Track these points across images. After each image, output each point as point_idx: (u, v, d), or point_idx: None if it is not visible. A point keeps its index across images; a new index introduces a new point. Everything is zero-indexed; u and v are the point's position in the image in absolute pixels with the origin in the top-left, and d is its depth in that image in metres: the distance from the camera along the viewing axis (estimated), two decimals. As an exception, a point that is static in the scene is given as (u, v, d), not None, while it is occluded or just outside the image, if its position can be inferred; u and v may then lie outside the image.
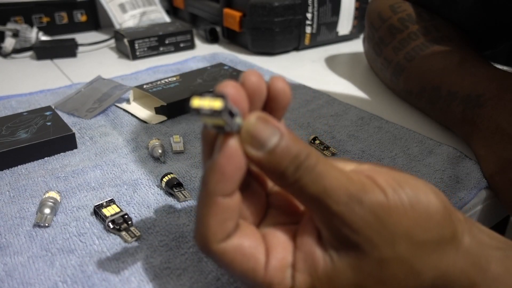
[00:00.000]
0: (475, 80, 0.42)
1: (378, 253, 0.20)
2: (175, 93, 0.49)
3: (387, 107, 0.53)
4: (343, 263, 0.21)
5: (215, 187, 0.20)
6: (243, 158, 0.20)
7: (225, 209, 0.20)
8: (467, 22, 0.50)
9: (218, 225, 0.21)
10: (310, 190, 0.20)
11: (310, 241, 0.21)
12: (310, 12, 0.73)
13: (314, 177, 0.20)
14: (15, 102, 0.51)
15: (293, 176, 0.20)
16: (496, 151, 0.37)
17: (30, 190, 0.35)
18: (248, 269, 0.21)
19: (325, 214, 0.20)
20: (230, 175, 0.20)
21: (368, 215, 0.20)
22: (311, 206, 0.21)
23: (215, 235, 0.21)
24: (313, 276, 0.21)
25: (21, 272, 0.27)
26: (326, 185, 0.20)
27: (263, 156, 0.20)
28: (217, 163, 0.20)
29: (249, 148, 0.20)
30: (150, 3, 0.83)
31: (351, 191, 0.20)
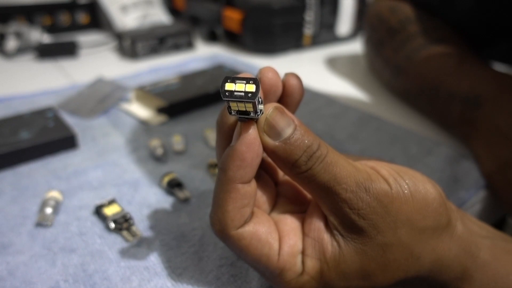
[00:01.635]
0: (474, 81, 0.42)
1: (382, 237, 0.21)
2: (176, 94, 0.49)
3: (386, 107, 0.53)
4: (350, 248, 0.22)
5: (235, 174, 0.21)
6: (261, 146, 0.21)
7: (243, 195, 0.21)
8: (465, 23, 0.50)
9: (237, 211, 0.21)
10: (321, 178, 0.21)
11: (318, 228, 0.22)
12: (309, 13, 0.73)
13: (325, 166, 0.21)
14: (17, 102, 0.51)
15: (305, 165, 0.21)
16: (494, 151, 0.37)
17: (32, 190, 0.35)
18: (262, 254, 0.22)
19: (334, 200, 0.21)
20: (250, 162, 0.21)
21: (374, 202, 0.21)
22: (321, 194, 0.21)
23: (233, 221, 0.21)
24: (321, 261, 0.22)
25: (23, 271, 0.27)
26: (336, 174, 0.21)
27: (278, 145, 0.21)
28: (237, 150, 0.20)
29: (265, 137, 0.21)
30: (151, 5, 0.83)
31: (359, 180, 0.21)
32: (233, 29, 0.75)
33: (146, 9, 0.82)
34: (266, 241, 0.22)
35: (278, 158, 0.21)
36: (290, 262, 0.22)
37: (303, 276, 0.22)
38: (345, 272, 0.22)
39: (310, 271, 0.22)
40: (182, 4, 0.88)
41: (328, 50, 0.78)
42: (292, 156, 0.21)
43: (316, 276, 0.22)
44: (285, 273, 0.22)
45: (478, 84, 0.41)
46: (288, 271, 0.22)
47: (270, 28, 0.70)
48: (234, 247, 0.22)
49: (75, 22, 0.83)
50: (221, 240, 0.22)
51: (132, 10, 0.80)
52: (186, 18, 0.87)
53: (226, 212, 0.21)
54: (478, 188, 0.37)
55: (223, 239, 0.22)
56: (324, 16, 0.75)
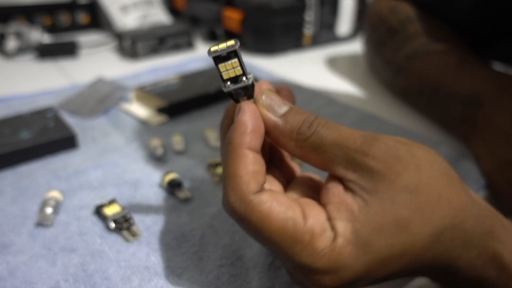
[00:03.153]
0: (474, 81, 0.42)
1: (404, 179, 0.21)
2: (176, 94, 0.49)
3: (387, 107, 0.53)
4: (376, 199, 0.21)
5: (241, 139, 0.21)
6: (261, 119, 0.22)
7: (254, 161, 0.21)
8: (465, 23, 0.51)
9: (250, 176, 0.21)
10: (328, 138, 0.21)
11: (338, 193, 0.21)
12: (309, 13, 0.73)
13: (328, 126, 0.22)
14: (17, 102, 0.51)
15: (309, 130, 0.22)
16: (495, 151, 0.37)
17: (32, 190, 0.35)
18: (287, 218, 0.20)
19: (347, 154, 0.21)
20: (254, 129, 0.21)
21: (385, 146, 0.21)
22: (331, 154, 0.21)
23: (249, 185, 0.21)
24: (352, 220, 0.20)
25: (23, 271, 0.27)
26: (341, 131, 0.22)
27: (279, 119, 0.22)
28: (240, 119, 0.21)
29: (266, 112, 0.22)
30: (151, 5, 0.83)
31: (366, 134, 0.22)
32: (233, 29, 0.75)
33: (146, 9, 0.82)
34: (289, 204, 0.21)
35: (280, 132, 0.22)
36: (319, 226, 0.20)
37: (337, 240, 0.20)
38: (380, 227, 0.20)
39: (343, 233, 0.20)
40: (182, 4, 0.88)
41: (328, 50, 0.78)
42: (295, 125, 0.22)
43: (351, 238, 0.20)
44: (316, 240, 0.20)
45: (478, 84, 0.41)
46: (320, 236, 0.20)
47: (270, 28, 0.70)
48: (253, 218, 0.20)
49: (75, 22, 0.83)
50: (238, 216, 0.21)
51: (132, 10, 0.80)
52: (186, 18, 0.88)
53: (239, 177, 0.21)
54: (478, 188, 0.37)
55: (239, 209, 0.21)
56: (324, 16, 0.75)
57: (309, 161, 0.23)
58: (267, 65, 0.68)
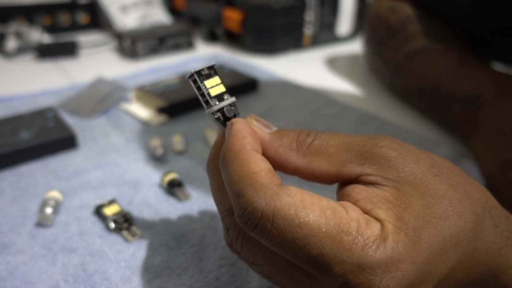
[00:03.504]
0: (474, 81, 0.42)
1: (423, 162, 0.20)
2: (176, 94, 0.49)
3: (387, 107, 0.53)
4: (406, 184, 0.19)
5: (243, 143, 0.20)
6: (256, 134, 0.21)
7: (263, 159, 0.19)
8: (465, 23, 0.50)
9: (267, 170, 0.19)
10: (331, 141, 0.21)
11: (360, 190, 0.20)
12: (309, 13, 0.73)
13: (327, 134, 0.21)
14: (17, 102, 0.51)
15: (309, 137, 0.21)
16: (495, 151, 0.37)
17: (32, 190, 0.35)
18: (325, 207, 0.17)
19: (357, 149, 0.20)
20: (251, 134, 0.21)
21: (391, 139, 0.21)
22: (341, 152, 0.21)
23: (269, 178, 0.18)
24: (391, 208, 0.18)
25: (23, 271, 0.27)
26: (341, 135, 0.21)
27: (273, 132, 0.22)
28: (235, 128, 0.21)
29: (259, 128, 0.22)
30: (151, 5, 0.83)
31: (364, 135, 0.21)
32: (233, 29, 0.75)
33: (146, 9, 0.82)
34: (320, 196, 0.18)
35: (279, 144, 0.21)
36: (361, 216, 0.18)
37: (387, 227, 0.17)
38: (423, 211, 0.18)
39: (389, 218, 0.18)
40: (182, 4, 0.88)
41: (328, 50, 0.78)
42: (292, 136, 0.21)
43: (399, 225, 0.17)
44: (365, 230, 0.17)
45: (478, 84, 0.41)
46: (367, 226, 0.17)
47: (270, 28, 0.70)
48: (285, 212, 0.17)
49: (75, 22, 0.83)
50: (265, 217, 0.17)
51: (132, 10, 0.80)
52: (186, 18, 0.87)
53: (256, 174, 0.18)
54: (478, 188, 0.37)
55: (267, 206, 0.17)
56: (324, 16, 0.75)
57: (316, 169, 0.21)
58: (267, 65, 0.68)
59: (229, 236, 0.21)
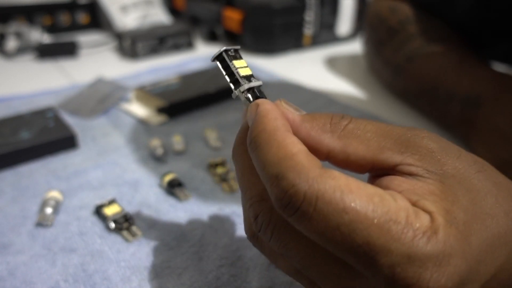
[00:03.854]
0: (473, 81, 0.42)
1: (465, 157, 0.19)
2: (176, 94, 0.49)
3: (386, 107, 0.53)
4: (450, 177, 0.18)
5: (277, 124, 0.18)
6: None
7: (298, 141, 0.18)
8: (465, 23, 0.51)
9: (306, 152, 0.17)
10: (369, 127, 0.19)
11: (401, 183, 0.18)
12: (309, 13, 0.73)
13: (363, 120, 0.20)
14: (17, 102, 0.51)
15: (344, 119, 0.19)
16: (494, 151, 0.37)
17: (32, 190, 0.35)
18: (371, 193, 0.16)
19: (397, 137, 0.19)
20: (282, 116, 0.19)
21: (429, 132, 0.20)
22: (379, 140, 0.19)
23: (310, 160, 0.16)
24: (438, 200, 0.17)
25: (23, 271, 0.27)
26: (378, 123, 0.20)
27: (305, 115, 0.20)
28: (264, 109, 0.19)
29: (290, 110, 0.20)
30: (151, 5, 0.83)
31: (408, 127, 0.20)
32: (233, 29, 0.75)
33: (146, 9, 0.82)
34: (365, 183, 0.17)
35: (311, 126, 0.19)
36: (410, 206, 0.16)
37: (437, 218, 0.16)
38: (470, 206, 0.17)
39: (438, 211, 0.16)
40: (182, 4, 0.88)
41: (328, 50, 0.78)
42: (324, 117, 0.20)
43: (449, 218, 0.16)
44: (414, 219, 0.16)
45: (478, 84, 0.41)
46: (416, 216, 0.16)
47: (270, 28, 0.70)
48: (330, 194, 0.15)
49: (75, 22, 0.83)
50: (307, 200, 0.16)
51: (132, 10, 0.80)
52: (186, 18, 0.88)
53: (295, 155, 0.17)
54: (478, 188, 0.37)
55: (310, 189, 0.16)
56: (324, 16, 0.75)
57: (351, 153, 0.19)
58: (267, 65, 0.68)
59: (258, 224, 0.19)
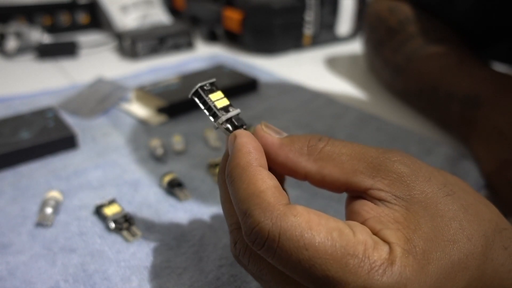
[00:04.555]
0: (473, 81, 0.42)
1: (436, 181, 0.20)
2: (176, 94, 0.49)
3: (386, 107, 0.53)
4: (416, 204, 0.18)
5: (249, 158, 0.20)
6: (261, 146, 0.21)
7: (270, 176, 0.19)
8: (465, 23, 0.51)
9: (274, 189, 0.18)
10: (344, 149, 0.20)
11: (369, 209, 0.19)
12: (310, 13, 0.73)
13: (340, 142, 0.21)
14: (17, 102, 0.51)
15: (320, 142, 0.21)
16: (494, 151, 0.37)
17: (32, 190, 0.35)
18: (331, 228, 0.17)
19: (370, 160, 0.20)
20: (257, 148, 0.20)
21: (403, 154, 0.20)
22: (353, 163, 0.20)
23: (275, 197, 0.18)
24: (400, 229, 0.18)
25: (23, 271, 0.27)
26: (354, 145, 0.21)
27: (284, 137, 0.22)
28: (239, 141, 0.21)
29: (269, 134, 0.22)
30: (151, 5, 0.83)
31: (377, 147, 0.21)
32: (233, 29, 0.75)
33: (146, 9, 0.82)
34: (328, 216, 0.18)
35: (289, 149, 0.21)
36: (369, 238, 0.17)
37: (395, 250, 0.17)
38: (433, 234, 0.18)
39: (398, 241, 0.17)
40: (182, 4, 0.88)
41: (328, 50, 0.78)
42: (303, 141, 0.21)
43: (408, 248, 0.17)
44: (372, 252, 0.17)
45: (478, 84, 0.41)
46: (374, 248, 0.17)
47: (270, 28, 0.70)
48: (291, 232, 0.17)
49: (75, 22, 0.83)
50: (271, 236, 0.17)
51: (132, 10, 0.80)
52: (186, 18, 0.88)
53: (262, 192, 0.18)
54: (478, 188, 0.37)
55: (273, 226, 0.17)
56: (324, 16, 0.75)
57: (326, 175, 0.20)
58: (267, 65, 0.68)
59: (236, 250, 0.21)
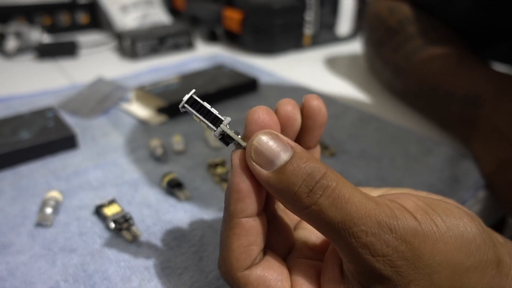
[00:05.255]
0: (473, 81, 0.42)
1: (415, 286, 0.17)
2: (176, 94, 0.49)
3: (386, 107, 0.53)
4: None
5: (235, 207, 0.19)
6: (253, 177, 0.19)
7: (248, 231, 0.20)
8: (464, 23, 0.51)
9: (242, 250, 0.20)
10: (331, 217, 0.17)
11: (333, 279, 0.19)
12: (310, 13, 0.73)
13: (334, 201, 0.17)
14: (17, 102, 0.51)
15: (308, 198, 0.18)
16: (494, 151, 0.37)
17: (32, 190, 0.35)
18: None
19: (351, 245, 0.17)
20: (247, 193, 0.19)
21: (402, 245, 0.17)
22: (334, 236, 0.18)
23: (239, 261, 0.20)
24: None
25: (23, 271, 0.27)
26: (351, 212, 0.17)
27: (271, 175, 0.18)
28: (231, 181, 0.20)
29: (255, 166, 0.19)
30: (151, 5, 0.83)
31: (381, 218, 0.17)
32: (233, 29, 0.75)
33: (146, 9, 0.82)
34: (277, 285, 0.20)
35: (274, 190, 0.19)
36: None
37: None
38: None
39: None
40: (182, 4, 0.88)
41: (328, 50, 0.78)
42: (290, 186, 0.18)
43: None
44: None
45: (477, 84, 0.41)
46: None
47: (270, 28, 0.70)
48: None
49: (75, 22, 0.83)
50: (228, 284, 0.21)
51: (132, 10, 0.80)
52: (186, 18, 0.88)
53: (230, 250, 0.20)
54: (478, 188, 0.37)
55: (228, 281, 0.20)
56: (324, 16, 0.75)
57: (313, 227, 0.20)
58: (267, 65, 0.68)
59: None
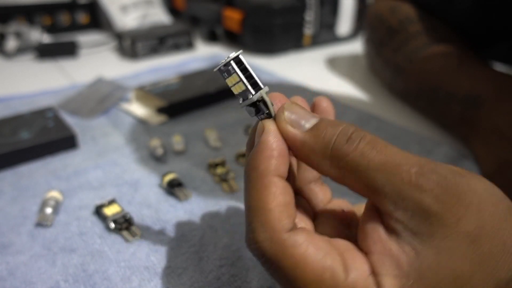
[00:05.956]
0: (473, 81, 0.42)
1: (463, 224, 0.17)
2: (176, 94, 0.49)
3: (387, 107, 0.53)
4: (430, 250, 0.17)
5: (269, 165, 0.18)
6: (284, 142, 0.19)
7: (284, 190, 0.18)
8: (465, 23, 0.51)
9: (283, 209, 0.18)
10: (375, 160, 0.17)
11: (380, 239, 0.18)
12: (310, 13, 0.73)
13: (374, 144, 0.18)
14: (17, 102, 0.51)
15: (347, 145, 0.18)
16: (494, 151, 0.37)
17: (32, 190, 0.35)
18: (325, 267, 0.17)
19: (398, 185, 0.17)
20: (280, 152, 0.19)
21: (445, 180, 0.17)
22: (377, 183, 0.17)
23: (281, 221, 0.18)
24: (399, 276, 0.17)
25: (23, 271, 0.27)
26: (391, 153, 0.17)
27: (307, 134, 0.19)
28: (265, 140, 0.19)
29: (290, 128, 0.19)
30: (151, 5, 0.83)
31: (421, 162, 0.17)
32: (233, 29, 0.75)
33: (146, 9, 0.82)
34: (327, 251, 0.17)
35: (310, 149, 0.18)
36: (361, 282, 0.17)
37: None
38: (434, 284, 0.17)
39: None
40: (182, 4, 0.88)
41: (328, 50, 0.78)
42: (328, 138, 0.18)
43: None
44: None
45: (478, 84, 0.41)
46: None
47: (270, 28, 0.70)
48: (286, 263, 0.17)
49: (75, 22, 0.83)
50: (267, 259, 0.18)
51: (132, 10, 0.80)
52: (186, 18, 0.88)
53: (269, 211, 0.18)
54: (478, 188, 0.37)
55: (271, 252, 0.17)
56: (324, 16, 0.75)
57: (348, 185, 0.19)
58: (267, 65, 0.68)
59: None
